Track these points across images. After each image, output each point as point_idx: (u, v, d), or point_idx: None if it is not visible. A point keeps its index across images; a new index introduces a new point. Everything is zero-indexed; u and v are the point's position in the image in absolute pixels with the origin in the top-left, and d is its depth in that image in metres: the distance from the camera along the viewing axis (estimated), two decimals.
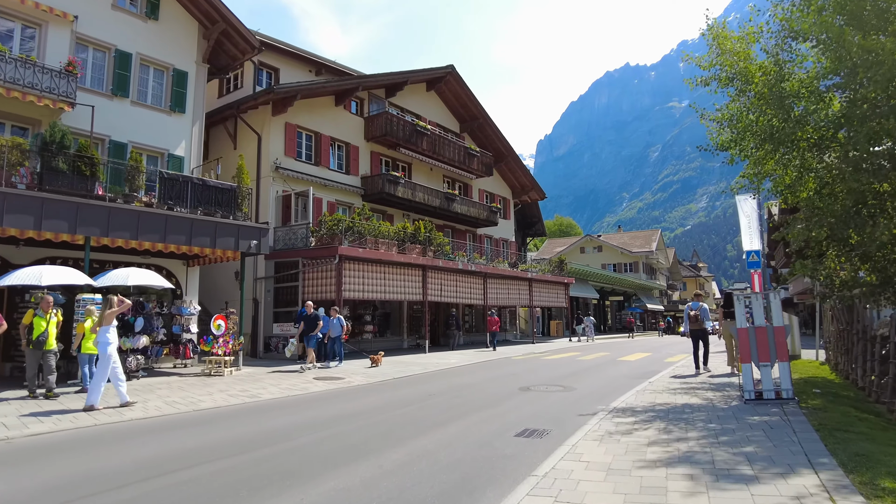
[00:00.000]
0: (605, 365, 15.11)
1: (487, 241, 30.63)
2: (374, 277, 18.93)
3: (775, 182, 11.32)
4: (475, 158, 27.85)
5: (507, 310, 30.50)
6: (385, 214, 24.11)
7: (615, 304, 53.67)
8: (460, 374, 13.79)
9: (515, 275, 25.68)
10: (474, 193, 29.75)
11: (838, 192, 8.98)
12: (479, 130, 29.64)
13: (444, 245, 21.82)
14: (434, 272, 21.29)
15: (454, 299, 22.39)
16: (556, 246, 62.43)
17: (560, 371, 13.71)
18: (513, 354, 19.85)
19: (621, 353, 19.76)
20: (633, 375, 12.35)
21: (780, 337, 7.79)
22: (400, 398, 9.87)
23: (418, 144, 24.69)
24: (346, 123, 23.29)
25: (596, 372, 13.33)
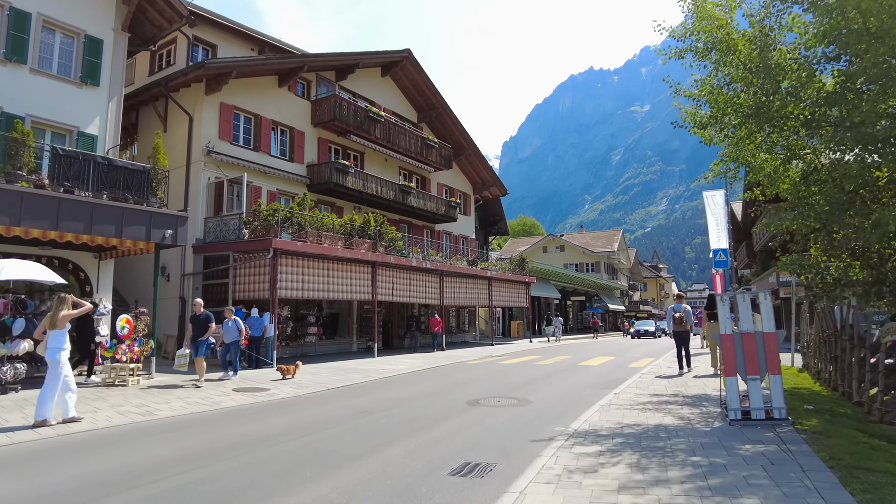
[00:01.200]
0: (565, 371, 13.76)
1: (446, 237, 29.12)
2: (316, 274, 17.15)
3: (754, 170, 10.18)
4: (433, 150, 26.30)
5: (465, 310, 29.07)
6: (333, 207, 22.31)
7: (577, 304, 53.01)
8: (405, 383, 12.20)
9: (474, 273, 24.25)
10: (432, 187, 28.20)
11: (835, 177, 7.79)
12: (438, 121, 28.10)
13: (396, 240, 20.18)
14: (385, 269, 19.63)
15: (407, 299, 20.77)
16: (519, 245, 61.57)
17: (516, 378, 12.28)
18: (468, 358, 18.38)
19: (583, 356, 18.53)
20: (597, 384, 11.00)
21: (772, 345, 6.49)
22: (323, 417, 8.21)
23: (371, 132, 22.97)
24: (291, 107, 21.40)
25: (555, 380, 11.94)
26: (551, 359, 17.26)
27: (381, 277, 19.38)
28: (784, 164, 9.72)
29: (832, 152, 8.23)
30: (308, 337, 20.07)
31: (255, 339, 15.43)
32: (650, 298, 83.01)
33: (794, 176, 9.95)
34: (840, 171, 7.72)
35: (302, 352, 20.11)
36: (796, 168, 9.90)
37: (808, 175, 8.81)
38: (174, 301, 17.89)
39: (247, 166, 19.04)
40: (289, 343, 19.49)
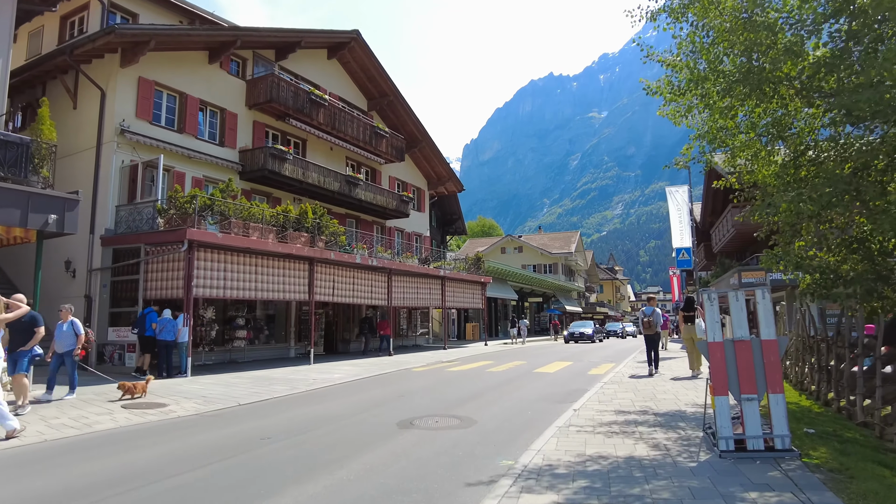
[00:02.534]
0: (519, 379, 12.28)
1: (398, 234, 27.39)
2: (242, 271, 15.17)
3: (735, 150, 8.93)
4: (384, 140, 24.55)
5: (418, 311, 27.41)
6: (270, 198, 20.27)
7: (534, 306, 52.12)
8: (333, 396, 10.45)
9: (426, 272, 22.62)
10: (383, 180, 26.43)
11: (837, 156, 6.53)
12: (390, 109, 26.36)
13: (338, 234, 18.33)
14: (324, 266, 17.77)
15: (351, 299, 18.95)
16: (478, 246, 60.40)
17: (463, 389, 10.71)
18: (416, 364, 16.73)
19: (539, 361, 17.15)
20: (554, 396, 9.54)
21: (772, 355, 5.10)
22: (212, 446, 6.42)
23: (314, 117, 21.04)
24: (223, 86, 19.27)
25: (507, 391, 10.42)
26: (505, 365, 15.80)
27: (320, 275, 17.51)
28: (770, 145, 8.51)
29: (827, 127, 7.02)
30: (236, 341, 17.99)
31: (165, 344, 13.35)
32: (606, 300, 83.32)
33: (780, 159, 8.76)
34: (842, 152, 6.46)
35: (230, 358, 18.04)
36: (780, 153, 8.71)
37: (799, 156, 7.58)
38: (79, 300, 15.54)
39: (168, 149, 16.86)
40: (213, 348, 17.39)
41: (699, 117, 9.60)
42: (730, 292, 5.38)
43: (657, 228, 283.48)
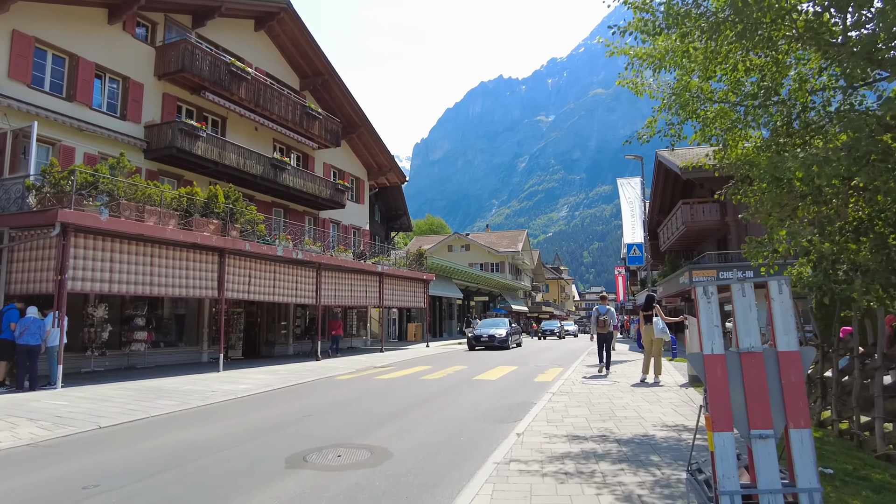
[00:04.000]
0: (456, 389, 10.61)
1: (334, 227, 25.26)
2: (135, 262, 12.81)
3: (707, 122, 7.54)
4: (317, 122, 22.39)
5: (354, 311, 25.38)
6: (182, 181, 17.80)
7: (480, 305, 50.88)
8: (224, 415, 8.43)
9: (362, 268, 20.65)
10: (317, 167, 24.25)
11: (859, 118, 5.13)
12: (325, 90, 24.21)
13: (256, 222, 16.14)
14: (238, 259, 15.55)
15: (271, 297, 16.76)
16: (424, 244, 58.69)
17: (388, 404, 8.92)
18: (344, 370, 14.79)
19: (480, 366, 15.57)
20: (494, 413, 7.89)
21: (794, 373, 3.58)
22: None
23: (235, 91, 18.70)
24: (127, 51, 16.70)
25: (440, 405, 8.70)
26: (442, 371, 14.10)
27: (233, 269, 15.28)
28: (751, 116, 7.15)
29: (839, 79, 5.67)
30: (134, 344, 15.51)
31: (28, 349, 10.88)
32: (552, 299, 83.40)
33: (759, 134, 7.44)
34: None
35: (127, 364, 15.56)
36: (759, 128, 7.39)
37: (792, 120, 6.22)
38: None
39: (52, 118, 14.27)
40: (105, 353, 14.86)
41: (664, 85, 8.27)
42: (734, 283, 3.84)
43: (600, 230, 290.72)
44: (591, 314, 12.43)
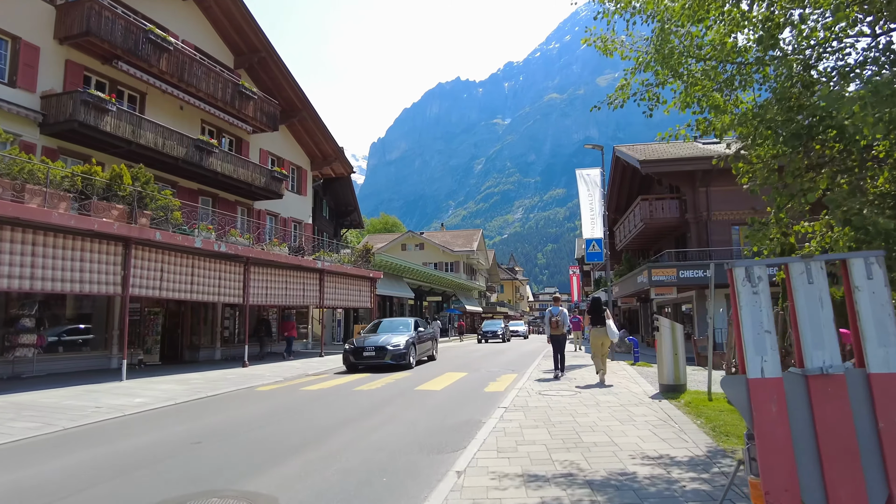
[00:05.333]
0: (393, 402, 9.01)
1: (271, 219, 23.19)
2: (10, 251, 10.62)
3: (691, 82, 6.26)
4: (251, 102, 20.33)
5: (292, 311, 23.36)
6: (89, 162, 15.43)
7: (433, 305, 49.37)
8: (90, 442, 6.56)
9: (299, 263, 18.73)
10: (252, 152, 22.14)
11: None
12: (263, 69, 22.14)
13: (171, 209, 14.06)
14: (147, 250, 13.45)
15: (188, 294, 14.69)
16: (377, 242, 56.70)
17: (304, 426, 7.25)
18: (269, 379, 12.93)
19: (427, 371, 14.01)
20: (432, 438, 6.34)
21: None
22: None
23: (155, 64, 16.51)
24: (19, 7, 14.31)
25: (368, 427, 7.09)
26: (382, 379, 12.45)
27: (141, 262, 13.18)
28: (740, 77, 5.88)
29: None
30: (20, 349, 13.17)
31: None
32: (507, 300, 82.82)
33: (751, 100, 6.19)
34: None
35: (12, 372, 13.19)
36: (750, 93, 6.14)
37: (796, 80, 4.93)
38: None
39: None
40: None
41: (640, 40, 7.00)
42: (793, 263, 2.44)
43: (554, 233, 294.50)
44: (545, 316, 12.36)
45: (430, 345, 17.79)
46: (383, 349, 14.36)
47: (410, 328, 16.24)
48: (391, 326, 16.64)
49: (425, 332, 17.15)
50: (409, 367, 14.68)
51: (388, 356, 14.29)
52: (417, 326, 16.62)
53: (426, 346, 17.13)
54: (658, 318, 8.84)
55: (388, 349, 14.38)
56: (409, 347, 14.92)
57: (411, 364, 14.88)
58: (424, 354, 16.95)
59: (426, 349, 17.15)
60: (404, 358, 14.58)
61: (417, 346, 15.73)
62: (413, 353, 15.19)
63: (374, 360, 14.34)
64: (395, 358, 14.33)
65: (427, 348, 17.24)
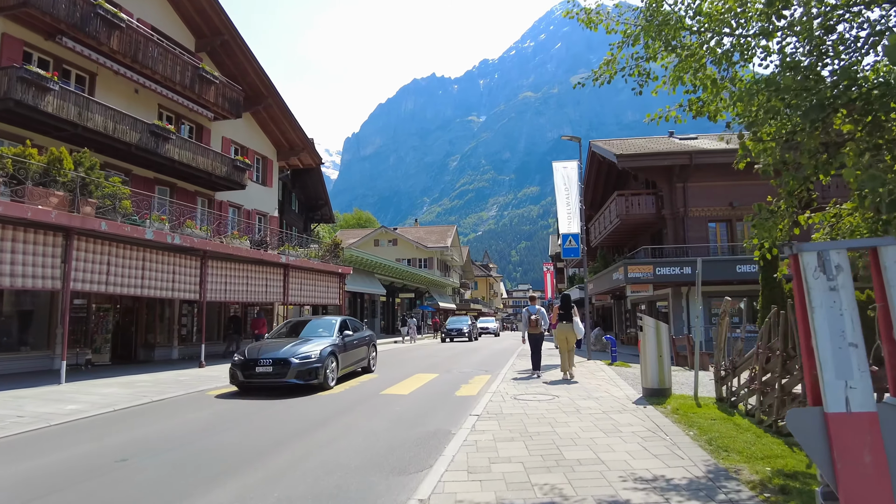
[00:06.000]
0: (353, 409, 8.24)
1: (234, 211, 22.07)
2: None
3: (685, 56, 5.65)
4: (213, 87, 19.20)
5: (256, 308, 22.31)
6: (29, 146, 14.22)
7: (406, 302, 48.57)
8: None
9: (262, 258, 17.74)
10: (214, 140, 20.99)
11: None
12: (226, 53, 20.98)
13: (119, 197, 12.98)
14: (93, 242, 12.37)
15: (138, 289, 13.62)
16: (350, 237, 55.65)
17: (249, 439, 6.43)
18: (226, 380, 11.95)
19: (396, 373, 13.26)
20: (392, 456, 5.60)
21: None
22: None
23: (105, 42, 15.31)
24: None
25: (322, 440, 6.32)
26: (345, 383, 11.64)
27: (84, 254, 12.10)
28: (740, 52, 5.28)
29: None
30: None
31: None
32: (481, 297, 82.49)
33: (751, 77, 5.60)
34: None
35: None
36: None
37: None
38: None
39: None
40: None
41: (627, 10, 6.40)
42: (888, 247, 1.77)
43: (528, 230, 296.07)
44: (523, 314, 12.41)
45: (364, 352, 12.95)
46: (285, 362, 9.84)
47: (333, 331, 11.59)
48: (308, 329, 12.05)
49: (354, 336, 12.37)
50: (326, 386, 10.14)
51: (292, 373, 9.71)
52: (344, 329, 12.03)
53: (356, 356, 12.32)
54: (642, 317, 8.26)
55: (293, 363, 9.77)
56: (327, 359, 10.27)
57: (328, 382, 10.23)
58: (355, 366, 12.30)
59: (356, 359, 12.33)
60: (316, 375, 9.92)
61: (342, 356, 11.17)
62: (333, 367, 10.53)
63: (272, 380, 9.87)
64: (302, 375, 9.77)
65: (358, 358, 12.44)
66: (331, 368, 10.44)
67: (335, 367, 10.68)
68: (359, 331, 13.07)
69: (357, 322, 13.61)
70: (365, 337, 13.25)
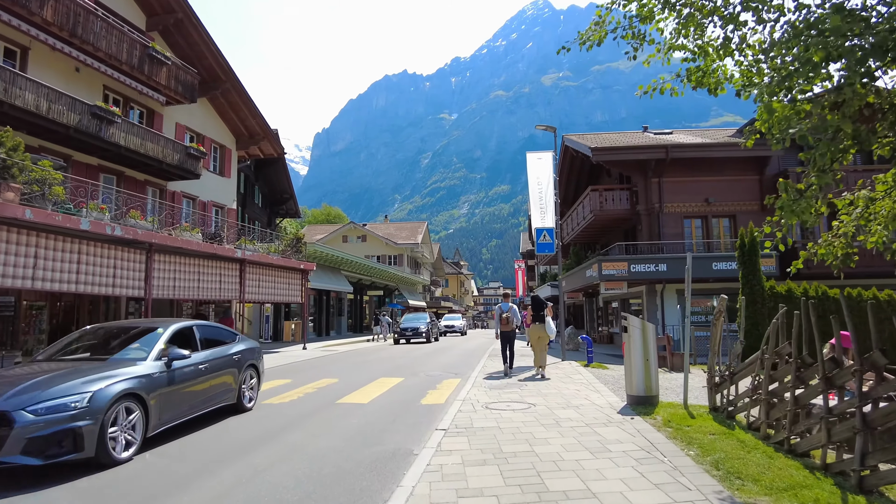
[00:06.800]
0: (303, 423, 7.26)
1: (188, 202, 20.67)
2: None
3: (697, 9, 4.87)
4: (164, 69, 17.80)
5: (210, 306, 20.99)
6: None
7: (375, 300, 47.41)
8: None
9: (215, 252, 16.49)
10: (167, 127, 19.57)
11: None
12: (180, 34, 19.58)
13: (49, 182, 11.63)
14: (17, 232, 11.03)
15: (73, 285, 12.29)
16: (317, 233, 54.13)
17: (171, 464, 5.40)
18: None
19: (358, 377, 12.27)
20: (338, 488, 4.67)
21: None
22: None
23: (37, 11, 13.85)
24: None
25: (259, 464, 5.34)
26: (302, 388, 10.62)
27: (5, 245, 10.76)
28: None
29: None
30: None
31: None
32: (452, 294, 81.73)
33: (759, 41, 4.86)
34: None
35: None
36: None
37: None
38: None
39: None
40: None
41: None
42: None
43: (499, 228, 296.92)
44: (496, 312, 12.42)
45: (229, 382, 7.47)
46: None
47: (152, 349, 6.23)
48: (113, 342, 6.85)
49: (203, 358, 6.92)
50: (111, 461, 5.13)
51: (14, 443, 4.59)
52: (182, 343, 6.78)
53: (205, 392, 6.91)
54: (627, 317, 7.49)
55: (20, 420, 4.64)
56: (112, 408, 5.21)
57: (112, 453, 5.15)
58: (203, 406, 6.91)
59: (204, 397, 6.91)
60: (74, 442, 4.89)
61: (163, 398, 5.96)
62: (132, 423, 5.48)
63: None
64: (39, 447, 4.69)
65: (208, 395, 7.00)
66: (125, 425, 5.38)
67: (138, 421, 5.54)
68: (221, 344, 7.63)
69: (220, 330, 8.12)
70: (231, 356, 7.59)
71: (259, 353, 8.64)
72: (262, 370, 8.63)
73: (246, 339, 8.49)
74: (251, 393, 8.15)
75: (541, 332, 11.50)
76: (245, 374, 7.91)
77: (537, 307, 11.75)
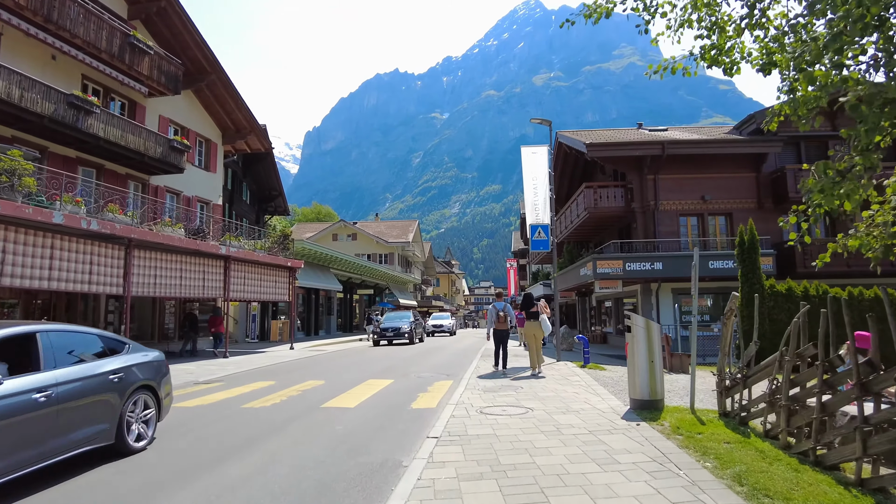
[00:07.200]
0: (284, 430, 6.76)
1: (171, 197, 20.04)
2: None
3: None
4: (147, 58, 17.18)
5: (195, 305, 20.35)
6: None
7: (365, 299, 46.84)
8: None
9: (198, 248, 15.90)
10: (150, 119, 18.92)
11: None
12: (164, 23, 18.94)
13: (19, 172, 11.03)
14: None
15: (45, 281, 11.69)
16: (307, 231, 53.47)
17: (136, 470, 4.89)
18: None
19: (345, 378, 11.77)
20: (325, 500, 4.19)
21: None
22: None
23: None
24: None
25: (232, 478, 4.85)
26: (286, 390, 10.11)
27: None
28: None
29: None
30: None
31: None
32: (443, 293, 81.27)
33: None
34: None
35: None
36: None
37: None
38: None
39: None
40: None
41: None
42: None
43: (490, 228, 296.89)
44: (490, 311, 12.14)
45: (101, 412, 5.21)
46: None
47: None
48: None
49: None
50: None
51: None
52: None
53: (50, 430, 4.54)
54: (630, 316, 7.06)
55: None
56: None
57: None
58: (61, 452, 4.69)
59: (47, 441, 4.51)
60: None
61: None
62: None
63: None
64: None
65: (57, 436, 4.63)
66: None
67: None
68: (90, 359, 5.39)
69: (90, 338, 5.69)
70: (105, 375, 5.35)
71: (160, 368, 6.30)
72: (165, 393, 6.28)
73: (140, 350, 6.14)
74: (142, 428, 5.74)
75: (535, 329, 11.65)
76: (132, 401, 5.59)
77: (527, 304, 12.03)
